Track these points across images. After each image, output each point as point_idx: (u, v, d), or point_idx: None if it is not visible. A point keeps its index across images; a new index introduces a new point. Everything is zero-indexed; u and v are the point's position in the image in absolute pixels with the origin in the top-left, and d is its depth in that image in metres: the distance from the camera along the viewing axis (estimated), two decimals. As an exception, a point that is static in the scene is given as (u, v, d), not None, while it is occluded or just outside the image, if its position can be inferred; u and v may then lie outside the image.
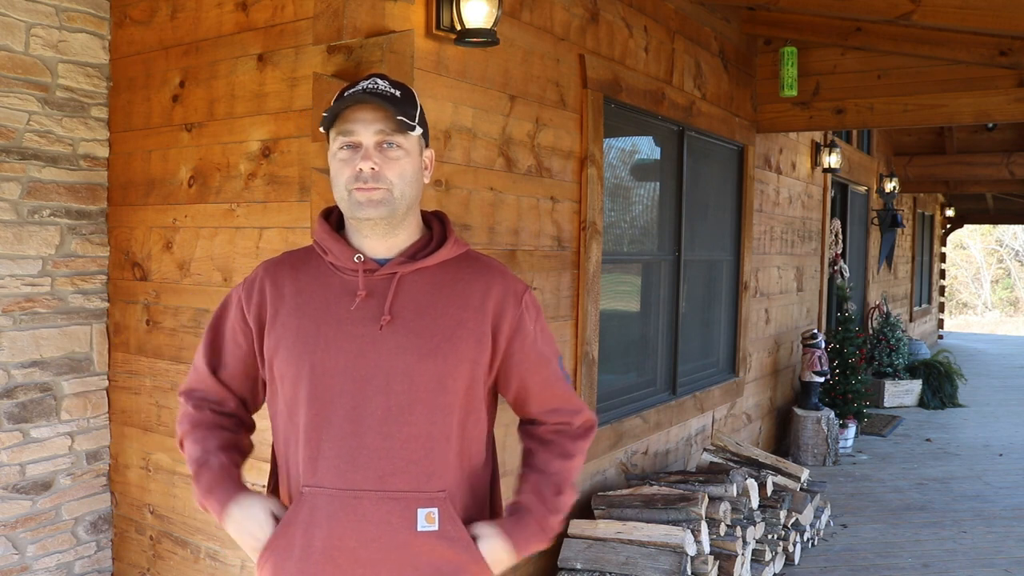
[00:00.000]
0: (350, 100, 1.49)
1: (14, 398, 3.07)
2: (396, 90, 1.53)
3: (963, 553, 4.57)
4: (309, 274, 1.58)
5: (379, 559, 1.49)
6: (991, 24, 3.77)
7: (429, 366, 1.50)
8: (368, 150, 1.49)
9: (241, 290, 1.63)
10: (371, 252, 1.56)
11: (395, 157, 1.51)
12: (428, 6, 2.77)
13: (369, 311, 1.51)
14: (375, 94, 1.49)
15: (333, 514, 1.49)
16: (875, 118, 5.41)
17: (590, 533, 3.44)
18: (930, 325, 15.05)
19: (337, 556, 1.49)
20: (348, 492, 1.48)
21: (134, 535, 3.29)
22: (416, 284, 1.54)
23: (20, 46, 3.03)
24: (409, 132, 1.52)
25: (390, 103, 1.49)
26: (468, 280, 1.58)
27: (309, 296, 1.55)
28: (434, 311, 1.53)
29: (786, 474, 4.51)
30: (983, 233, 28.85)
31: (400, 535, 1.49)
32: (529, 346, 1.60)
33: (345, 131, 1.50)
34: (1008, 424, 8.20)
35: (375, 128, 1.49)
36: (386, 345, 1.50)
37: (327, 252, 1.58)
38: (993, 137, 9.73)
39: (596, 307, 3.77)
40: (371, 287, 1.53)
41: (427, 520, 1.50)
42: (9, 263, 3.05)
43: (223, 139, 2.92)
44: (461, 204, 2.98)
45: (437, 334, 1.51)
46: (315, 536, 1.50)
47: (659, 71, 4.31)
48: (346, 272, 1.55)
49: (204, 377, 1.67)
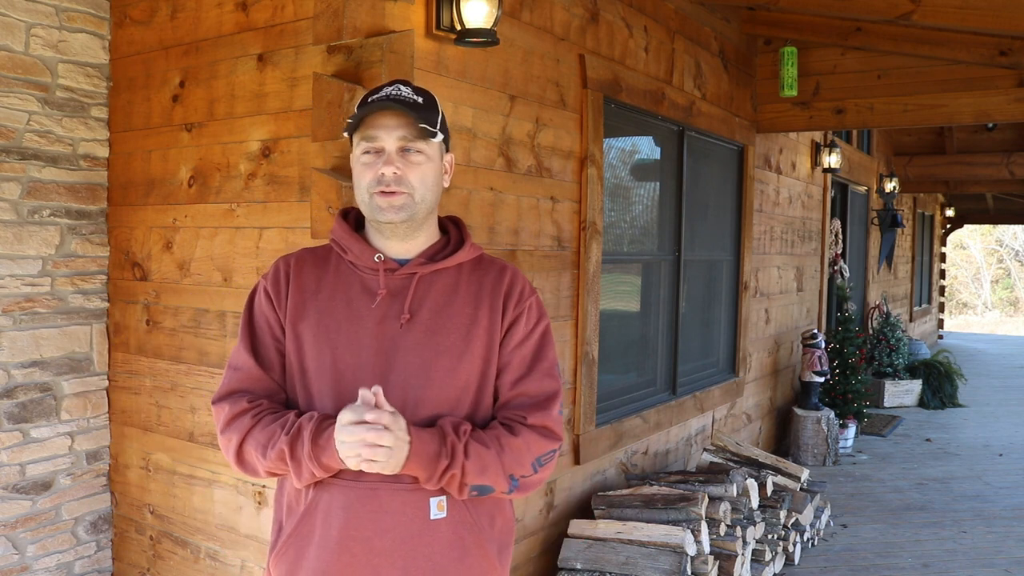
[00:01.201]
0: (375, 106, 1.54)
1: (14, 398, 3.07)
2: (419, 96, 1.57)
3: (963, 553, 4.57)
4: (330, 272, 1.62)
5: (393, 548, 1.53)
6: (991, 24, 3.77)
7: (445, 363, 1.55)
8: (391, 155, 1.54)
9: (268, 283, 1.64)
10: (391, 253, 1.61)
11: (417, 162, 1.56)
12: (428, 6, 2.76)
13: (389, 309, 1.56)
14: (398, 100, 1.54)
15: (349, 505, 1.52)
16: (875, 118, 5.41)
17: (590, 533, 3.44)
18: (930, 325, 15.05)
19: (352, 546, 1.53)
20: (364, 484, 1.52)
21: (134, 535, 3.29)
22: (434, 284, 1.60)
23: (20, 46, 3.03)
24: (431, 138, 1.57)
25: (413, 109, 1.53)
26: (483, 281, 1.63)
27: (331, 293, 1.60)
28: (451, 310, 1.58)
29: (786, 474, 4.51)
30: (983, 233, 28.84)
31: (414, 524, 1.53)
32: (513, 347, 1.62)
33: (368, 136, 1.55)
34: (1008, 424, 8.20)
35: (398, 134, 1.54)
36: (405, 342, 1.55)
37: (347, 251, 1.62)
38: (993, 137, 9.73)
39: (596, 307, 3.77)
40: (391, 286, 1.58)
41: (438, 508, 1.55)
42: (9, 263, 3.05)
43: (223, 139, 2.92)
44: (461, 204, 2.98)
45: (453, 333, 1.57)
46: (332, 526, 1.53)
47: (659, 71, 4.31)
48: (366, 271, 1.60)
49: (253, 376, 1.60)
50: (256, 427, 1.54)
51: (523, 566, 3.42)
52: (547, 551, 3.55)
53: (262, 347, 1.62)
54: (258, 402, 1.57)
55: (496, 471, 1.52)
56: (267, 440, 1.51)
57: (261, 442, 1.52)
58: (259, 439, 1.52)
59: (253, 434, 1.54)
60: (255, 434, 1.53)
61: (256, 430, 1.53)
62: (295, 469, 1.50)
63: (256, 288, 1.67)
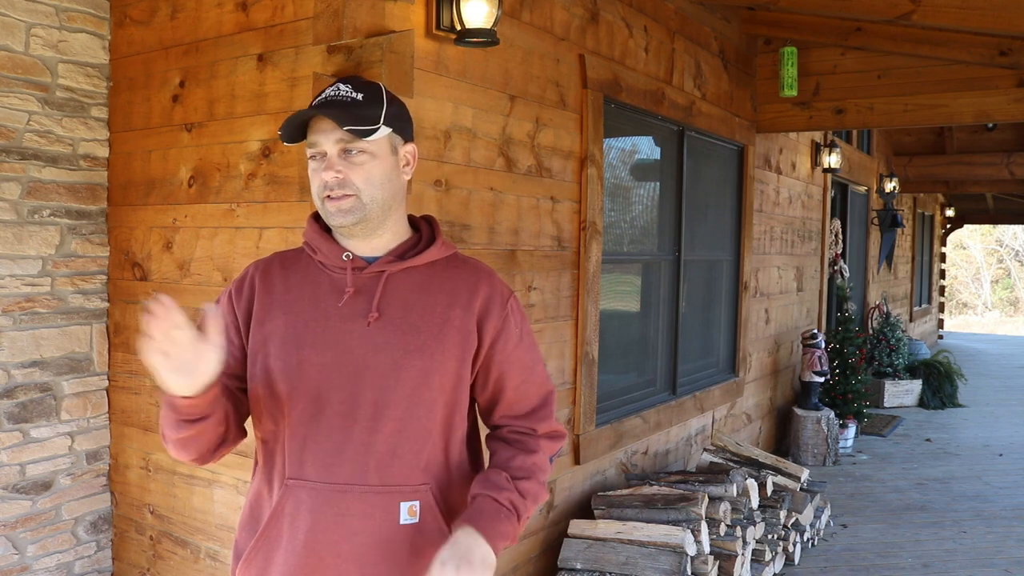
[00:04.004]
0: (308, 112, 1.51)
1: (14, 398, 3.07)
2: (359, 93, 1.53)
3: (963, 553, 4.57)
4: (299, 272, 1.60)
5: (361, 552, 1.50)
6: (991, 24, 3.77)
7: (416, 362, 1.52)
8: (332, 159, 1.51)
9: (232, 288, 1.64)
10: (359, 252, 1.58)
11: (359, 163, 1.51)
12: (428, 6, 2.76)
13: (357, 308, 1.53)
14: (333, 103, 1.51)
15: (317, 507, 1.50)
16: (875, 118, 5.41)
17: (590, 533, 3.44)
18: (930, 325, 15.05)
19: (320, 549, 1.50)
20: (332, 486, 1.50)
21: (134, 535, 3.29)
22: (404, 282, 1.56)
23: (20, 46, 3.03)
24: (370, 136, 1.51)
25: (346, 110, 1.49)
26: (455, 280, 1.60)
27: (298, 294, 1.57)
28: (421, 309, 1.55)
29: (786, 474, 4.51)
30: (983, 233, 28.84)
31: (383, 529, 1.51)
32: (511, 350, 1.61)
33: (310, 143, 1.54)
34: (1008, 424, 8.20)
35: (335, 137, 1.51)
36: (374, 341, 1.51)
37: (316, 251, 1.60)
38: (993, 137, 9.73)
39: (596, 307, 3.77)
40: (359, 285, 1.55)
41: (409, 513, 1.52)
42: (9, 263, 3.05)
43: (223, 139, 2.92)
44: (461, 204, 2.98)
45: (424, 331, 1.53)
46: (299, 529, 1.51)
47: (659, 71, 4.31)
48: (335, 270, 1.57)
49: None
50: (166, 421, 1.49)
51: (523, 566, 3.42)
52: (547, 551, 3.55)
53: None
54: None
55: (538, 492, 1.60)
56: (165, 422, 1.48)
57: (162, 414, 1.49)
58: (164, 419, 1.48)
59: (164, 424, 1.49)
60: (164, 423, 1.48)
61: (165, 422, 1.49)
62: (166, 416, 1.45)
63: (221, 297, 1.66)
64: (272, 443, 1.58)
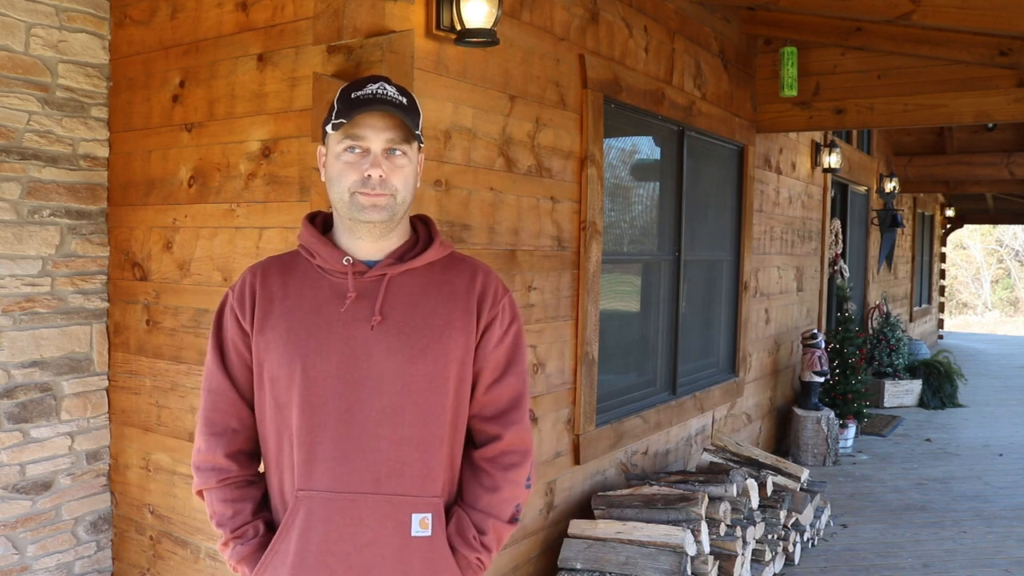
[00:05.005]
0: (364, 106, 1.49)
1: (14, 398, 3.07)
2: (403, 97, 1.54)
3: (963, 553, 4.57)
4: (297, 277, 1.58)
5: (373, 564, 1.49)
6: (991, 24, 3.77)
7: (420, 367, 1.51)
8: (377, 157, 1.51)
9: (232, 298, 1.62)
10: (360, 254, 1.57)
11: (400, 165, 1.53)
12: (428, 6, 2.76)
13: (359, 312, 1.52)
14: (387, 101, 1.50)
15: (329, 518, 1.49)
16: (875, 118, 5.41)
17: (590, 533, 3.44)
18: (930, 325, 15.05)
19: (331, 561, 1.49)
20: (344, 495, 1.48)
21: (134, 535, 3.29)
22: (405, 285, 1.55)
23: (20, 46, 3.03)
24: (415, 142, 1.55)
25: (401, 111, 1.51)
26: (455, 279, 1.59)
27: (298, 299, 1.55)
28: (423, 311, 1.54)
29: (786, 474, 4.51)
30: (983, 233, 28.84)
31: (395, 540, 1.49)
32: (490, 351, 1.60)
33: (355, 135, 1.51)
34: (1008, 424, 8.20)
35: (386, 136, 1.51)
36: (378, 346, 1.50)
37: (315, 255, 1.58)
38: (993, 137, 9.73)
39: (596, 307, 3.77)
40: (361, 289, 1.54)
41: (421, 526, 1.51)
42: (9, 263, 3.05)
43: (223, 139, 2.91)
44: (461, 204, 2.98)
45: (427, 334, 1.52)
46: (311, 540, 1.49)
47: (659, 71, 4.31)
48: (334, 275, 1.56)
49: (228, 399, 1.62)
50: (214, 495, 1.62)
51: (523, 566, 3.42)
52: (547, 551, 3.55)
53: (232, 366, 1.61)
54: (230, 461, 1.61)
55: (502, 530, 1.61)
56: (219, 514, 1.61)
57: (216, 510, 1.61)
58: (216, 508, 1.62)
59: (214, 493, 1.62)
60: (216, 495, 1.62)
61: (216, 493, 1.62)
62: (224, 547, 1.63)
63: (224, 302, 1.64)
64: (278, 453, 1.56)
